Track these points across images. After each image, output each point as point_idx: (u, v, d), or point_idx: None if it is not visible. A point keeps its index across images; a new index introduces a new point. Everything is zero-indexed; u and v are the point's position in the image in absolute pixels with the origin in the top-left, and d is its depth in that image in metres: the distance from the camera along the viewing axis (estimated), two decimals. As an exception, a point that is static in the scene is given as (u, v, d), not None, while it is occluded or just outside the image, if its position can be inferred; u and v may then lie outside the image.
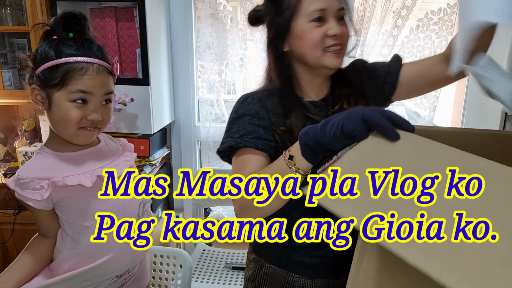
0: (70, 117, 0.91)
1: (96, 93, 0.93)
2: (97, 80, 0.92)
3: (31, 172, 0.93)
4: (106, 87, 0.95)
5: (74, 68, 0.90)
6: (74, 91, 0.90)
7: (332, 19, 0.90)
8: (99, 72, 0.93)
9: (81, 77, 0.91)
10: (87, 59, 0.92)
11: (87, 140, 0.97)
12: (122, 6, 1.86)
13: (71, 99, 0.91)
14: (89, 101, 0.92)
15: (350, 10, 0.94)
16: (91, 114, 0.92)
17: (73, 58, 0.91)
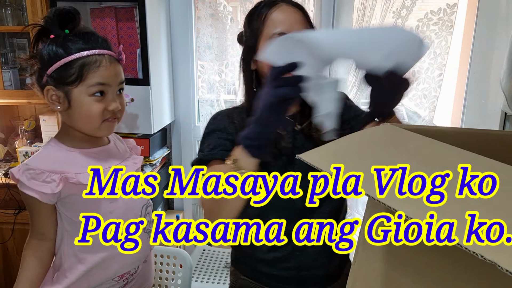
0: (93, 111, 0.92)
1: (113, 84, 0.94)
2: (111, 71, 0.94)
3: (43, 164, 0.92)
4: (120, 76, 0.97)
5: (89, 62, 0.91)
6: (92, 84, 0.91)
7: None
8: (112, 62, 0.94)
9: (97, 69, 0.92)
10: (98, 51, 0.92)
11: (110, 131, 0.99)
12: (122, 6, 1.86)
13: (90, 93, 0.92)
14: (107, 93, 0.94)
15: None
16: (111, 104, 0.94)
17: (85, 52, 0.91)
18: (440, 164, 0.52)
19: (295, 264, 1.03)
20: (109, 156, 1.01)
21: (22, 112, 2.30)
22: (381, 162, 0.54)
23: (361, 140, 0.65)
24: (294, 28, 0.94)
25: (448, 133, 0.68)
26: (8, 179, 1.97)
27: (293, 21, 0.95)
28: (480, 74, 1.93)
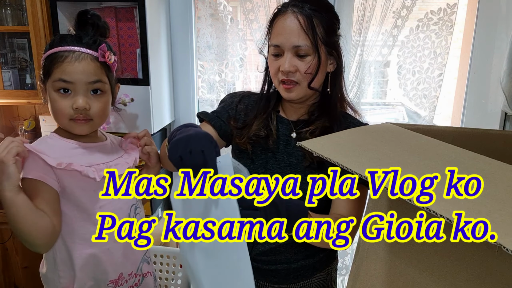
0: (56, 108, 0.91)
1: (77, 81, 0.90)
2: (76, 67, 0.90)
3: (43, 147, 0.91)
4: (89, 75, 0.91)
5: (55, 57, 0.90)
6: (55, 79, 0.90)
7: (288, 54, 0.96)
8: (79, 59, 0.90)
9: (60, 64, 0.90)
10: (71, 48, 0.91)
11: (81, 131, 0.95)
12: (122, 6, 1.86)
13: (55, 89, 0.91)
14: (72, 91, 0.91)
15: (311, 47, 0.95)
16: (75, 102, 0.90)
17: (58, 48, 0.91)
18: (434, 162, 0.52)
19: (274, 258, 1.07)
20: (105, 152, 1.01)
21: (22, 112, 2.30)
22: (379, 156, 0.54)
23: (362, 135, 0.65)
24: (289, 41, 0.95)
25: (449, 133, 0.68)
26: (8, 179, 1.97)
27: (290, 34, 0.95)
28: (480, 74, 1.93)
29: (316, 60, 0.95)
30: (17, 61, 2.11)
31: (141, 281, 1.06)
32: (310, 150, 0.59)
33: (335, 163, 0.55)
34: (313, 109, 1.05)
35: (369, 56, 1.94)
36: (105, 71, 0.95)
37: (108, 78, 0.97)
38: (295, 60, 0.96)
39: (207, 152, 0.80)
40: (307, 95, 1.01)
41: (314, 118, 1.03)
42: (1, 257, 2.09)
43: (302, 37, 0.94)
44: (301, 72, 0.96)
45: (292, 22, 0.95)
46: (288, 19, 0.95)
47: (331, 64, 1.01)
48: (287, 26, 0.95)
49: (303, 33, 0.94)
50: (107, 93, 0.97)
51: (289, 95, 0.99)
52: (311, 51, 0.95)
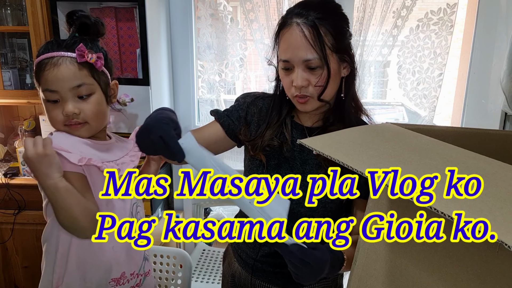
0: (51, 117, 0.91)
1: (61, 89, 0.88)
2: (56, 74, 0.87)
3: (60, 142, 0.89)
4: (70, 81, 0.88)
5: (39, 66, 0.89)
6: (43, 90, 0.89)
7: (298, 69, 0.93)
8: (57, 65, 0.88)
9: (42, 73, 0.88)
10: (48, 55, 0.89)
11: (80, 135, 0.94)
12: (122, 6, 1.86)
13: (44, 99, 0.90)
14: (60, 99, 0.89)
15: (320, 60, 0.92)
16: (64, 109, 0.89)
17: (41, 56, 0.89)
18: (434, 161, 0.52)
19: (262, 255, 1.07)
20: (110, 150, 1.00)
21: (22, 112, 2.30)
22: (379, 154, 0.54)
23: (363, 134, 0.65)
24: (297, 56, 0.92)
25: (449, 133, 0.68)
26: (8, 179, 1.97)
27: (297, 49, 0.92)
28: (480, 74, 1.93)
29: (326, 72, 0.93)
30: (17, 61, 2.11)
31: (142, 281, 1.06)
32: (310, 148, 0.59)
33: (335, 161, 0.55)
34: (328, 115, 1.03)
35: (369, 56, 1.94)
36: (89, 72, 0.92)
37: (94, 78, 0.93)
38: (307, 74, 0.93)
39: (165, 136, 0.84)
40: (322, 105, 0.98)
41: (328, 125, 1.01)
42: (1, 257, 2.09)
43: (310, 51, 0.91)
44: (312, 84, 0.94)
45: (298, 36, 0.91)
46: (293, 33, 0.92)
47: (344, 69, 0.98)
48: (294, 41, 0.92)
49: (310, 47, 0.90)
50: (96, 94, 0.94)
51: (305, 107, 0.98)
52: (320, 63, 0.92)
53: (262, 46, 2.03)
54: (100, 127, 0.98)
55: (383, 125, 0.69)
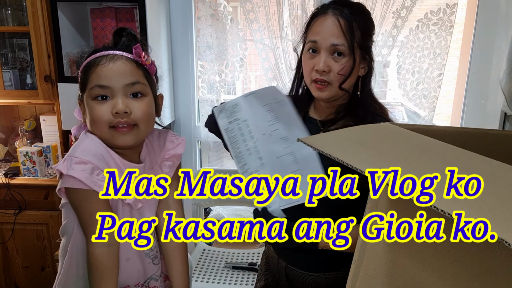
0: (95, 115, 0.85)
1: (114, 84, 0.84)
2: (111, 69, 0.84)
3: (91, 157, 0.84)
4: (126, 77, 0.85)
5: (89, 64, 0.86)
6: (92, 86, 0.85)
7: (324, 53, 0.98)
8: (113, 61, 0.85)
9: (95, 69, 0.85)
10: (102, 53, 0.87)
11: (124, 141, 0.87)
12: (123, 7, 1.86)
13: (92, 97, 0.85)
14: (110, 96, 0.85)
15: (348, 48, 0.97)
16: (114, 106, 0.84)
17: (93, 55, 0.87)
18: (434, 161, 0.52)
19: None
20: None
21: (22, 112, 2.30)
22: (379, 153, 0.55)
23: (362, 133, 0.65)
24: (327, 39, 0.97)
25: (449, 133, 0.69)
26: (9, 179, 1.98)
27: (329, 33, 0.97)
28: (480, 74, 1.93)
29: (351, 61, 0.98)
30: (18, 61, 2.11)
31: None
32: (310, 145, 0.59)
33: (335, 159, 0.55)
34: (341, 109, 1.06)
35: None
36: (143, 73, 0.89)
37: (148, 82, 0.91)
38: (330, 61, 0.98)
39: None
40: (337, 95, 1.03)
41: (339, 117, 1.05)
42: (2, 257, 2.09)
43: (341, 38, 0.97)
44: (334, 72, 0.98)
45: (333, 23, 0.97)
46: (328, 19, 0.98)
47: (362, 68, 1.03)
48: (327, 26, 0.98)
49: (342, 34, 0.97)
50: (148, 97, 0.90)
51: (321, 94, 1.01)
52: (347, 52, 0.97)
53: (262, 46, 2.03)
54: (147, 134, 0.93)
55: (382, 125, 0.69)
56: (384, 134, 0.64)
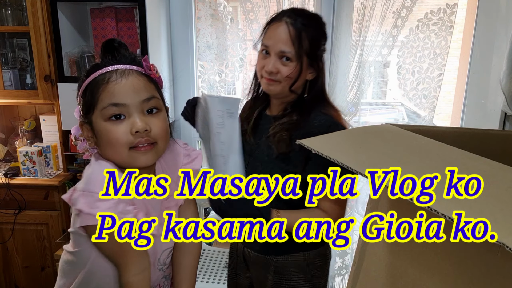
0: (112, 138, 0.78)
1: (130, 101, 0.77)
2: (125, 85, 0.77)
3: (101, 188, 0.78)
4: (141, 92, 0.79)
5: (97, 81, 0.78)
6: (105, 106, 0.77)
7: (274, 56, 1.09)
8: (125, 76, 0.78)
9: (105, 87, 0.77)
10: (109, 68, 0.79)
11: (147, 161, 0.82)
12: (122, 7, 1.86)
13: (105, 117, 0.78)
14: (126, 114, 0.78)
15: (295, 55, 1.07)
16: (134, 125, 0.77)
17: (98, 71, 0.79)
18: (434, 162, 0.52)
19: None
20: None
21: (22, 112, 2.30)
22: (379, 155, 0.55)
23: (362, 135, 0.65)
24: (276, 46, 1.08)
25: (449, 133, 0.69)
26: (9, 179, 1.98)
27: (279, 40, 1.08)
28: (480, 74, 1.93)
29: (298, 67, 1.08)
30: (18, 61, 2.11)
31: None
32: (309, 148, 0.59)
33: (334, 161, 0.55)
34: (288, 106, 1.17)
35: (369, 56, 1.94)
36: (155, 87, 0.84)
37: (160, 95, 0.86)
38: (279, 64, 1.09)
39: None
40: (285, 93, 1.13)
41: (286, 113, 1.15)
42: (2, 257, 2.09)
43: (289, 45, 1.07)
44: (282, 74, 1.09)
45: (283, 31, 1.07)
46: (281, 27, 1.08)
47: (310, 73, 1.13)
48: (279, 33, 1.08)
49: (290, 42, 1.06)
50: (163, 112, 0.85)
51: (269, 88, 1.13)
52: (294, 58, 1.07)
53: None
54: (164, 150, 0.88)
55: (382, 126, 0.69)
56: (383, 135, 0.64)
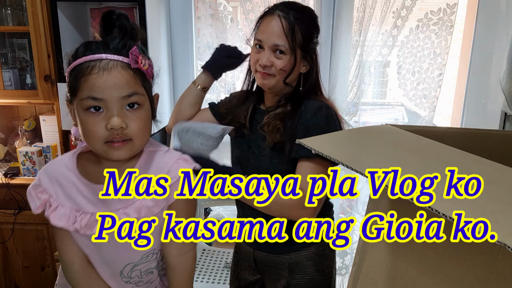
0: (89, 129, 0.78)
1: (109, 97, 0.77)
2: (106, 80, 0.76)
3: (45, 178, 0.86)
4: (122, 89, 0.78)
5: (80, 69, 0.77)
6: (83, 97, 0.76)
7: (267, 50, 1.10)
8: (107, 69, 0.76)
9: (87, 78, 0.76)
10: (94, 56, 0.76)
11: (118, 156, 0.81)
12: (122, 6, 1.86)
13: (84, 107, 0.77)
14: (104, 108, 0.77)
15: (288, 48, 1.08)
16: (109, 122, 0.77)
17: (82, 58, 0.77)
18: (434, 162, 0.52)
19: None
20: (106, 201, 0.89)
21: (22, 112, 2.30)
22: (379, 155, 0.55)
23: (362, 135, 0.65)
24: (270, 39, 1.08)
25: (449, 133, 0.69)
26: (9, 179, 1.98)
27: (272, 33, 1.08)
28: (480, 74, 1.93)
29: (292, 60, 1.09)
30: (17, 61, 2.11)
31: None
32: (309, 147, 0.59)
33: (335, 160, 0.55)
34: (283, 98, 1.17)
35: (369, 56, 1.94)
36: (140, 80, 0.82)
37: (145, 88, 0.84)
38: (273, 57, 1.09)
39: None
40: (279, 87, 1.13)
41: (280, 105, 1.16)
42: (2, 257, 2.09)
43: (283, 38, 1.07)
44: (276, 68, 1.09)
45: (276, 24, 1.08)
46: (273, 20, 1.08)
47: (304, 66, 1.14)
48: (272, 27, 1.08)
49: (284, 35, 1.07)
50: (145, 107, 0.84)
51: (263, 82, 1.13)
52: (288, 51, 1.08)
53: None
54: (142, 147, 0.88)
55: (382, 126, 0.69)
56: (384, 136, 0.64)
